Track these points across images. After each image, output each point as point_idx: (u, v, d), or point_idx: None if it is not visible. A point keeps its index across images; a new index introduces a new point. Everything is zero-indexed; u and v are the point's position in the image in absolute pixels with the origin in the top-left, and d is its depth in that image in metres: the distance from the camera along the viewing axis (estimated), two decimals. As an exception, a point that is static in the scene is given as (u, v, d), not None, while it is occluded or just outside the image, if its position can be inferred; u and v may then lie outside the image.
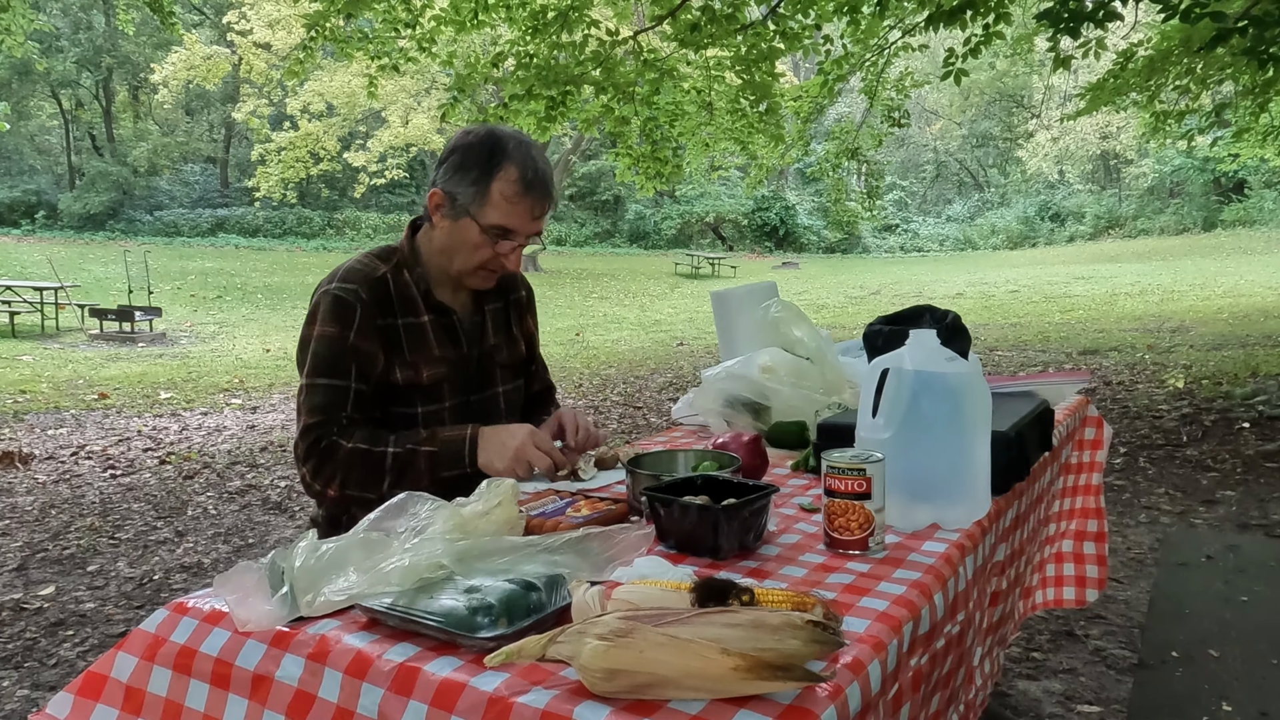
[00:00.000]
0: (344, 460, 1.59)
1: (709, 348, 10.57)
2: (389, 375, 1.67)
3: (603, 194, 32.64)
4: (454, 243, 1.68)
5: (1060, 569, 2.25)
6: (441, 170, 1.67)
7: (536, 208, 1.65)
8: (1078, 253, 25.94)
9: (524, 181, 1.62)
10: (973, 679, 1.43)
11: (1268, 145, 11.32)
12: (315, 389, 1.63)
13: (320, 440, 1.61)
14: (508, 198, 1.62)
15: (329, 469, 1.60)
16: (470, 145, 1.64)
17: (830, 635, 0.85)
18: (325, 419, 1.61)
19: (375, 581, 1.01)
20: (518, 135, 1.66)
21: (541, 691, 0.84)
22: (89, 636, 3.12)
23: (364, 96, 12.69)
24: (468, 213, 1.64)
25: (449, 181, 1.65)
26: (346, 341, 1.63)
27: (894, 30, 8.79)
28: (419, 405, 1.70)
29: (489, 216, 1.63)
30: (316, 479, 1.61)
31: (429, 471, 1.59)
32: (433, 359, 1.71)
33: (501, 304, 1.87)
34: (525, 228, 1.66)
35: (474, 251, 1.67)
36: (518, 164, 1.62)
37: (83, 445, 6.04)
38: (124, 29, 13.36)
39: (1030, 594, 2.17)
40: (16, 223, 27.04)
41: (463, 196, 1.64)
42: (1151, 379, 7.15)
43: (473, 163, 1.63)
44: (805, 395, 1.84)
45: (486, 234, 1.64)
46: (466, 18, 7.24)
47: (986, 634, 1.50)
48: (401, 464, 1.59)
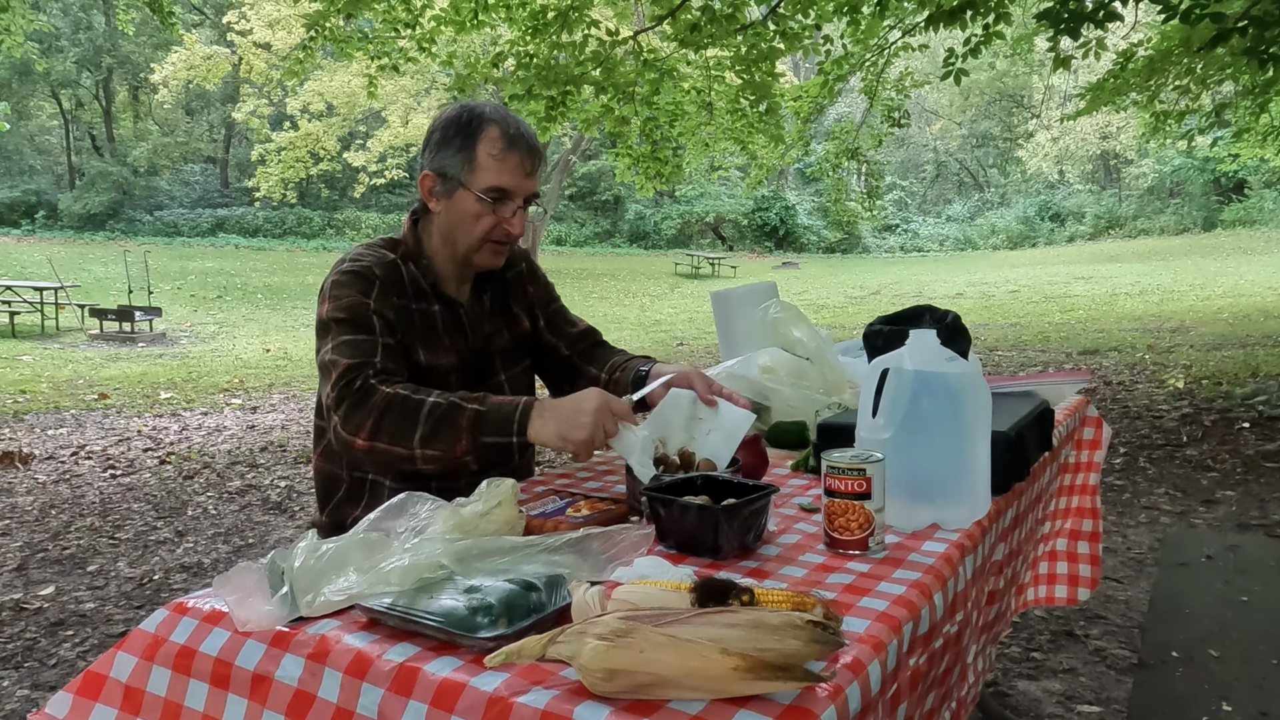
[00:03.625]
0: (379, 403, 1.48)
1: (709, 348, 10.57)
2: (409, 355, 1.64)
3: (603, 194, 32.63)
4: (454, 220, 1.66)
5: (1053, 567, 2.25)
6: (426, 152, 1.66)
7: (526, 162, 1.63)
8: (1078, 253, 25.93)
9: (507, 138, 1.61)
10: (966, 676, 1.43)
11: (1268, 145, 11.32)
12: (341, 345, 1.55)
13: (354, 383, 1.50)
14: (495, 156, 1.61)
15: (360, 414, 1.48)
16: (449, 120, 1.64)
17: (830, 635, 0.85)
18: (360, 363, 1.53)
19: (375, 581, 1.01)
20: (493, 104, 1.67)
21: (541, 691, 0.84)
22: (89, 636, 3.12)
23: (364, 96, 12.69)
24: (460, 184, 1.62)
25: (435, 160, 1.64)
26: (369, 306, 1.60)
27: (894, 30, 8.79)
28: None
29: (481, 180, 1.61)
30: (347, 424, 1.48)
31: (470, 431, 1.45)
32: (443, 348, 1.70)
33: (499, 287, 1.84)
34: (520, 185, 1.64)
35: (476, 222, 1.64)
36: (498, 123, 1.61)
37: (83, 445, 6.04)
38: (124, 29, 13.35)
39: (1023, 591, 2.17)
40: (16, 223, 27.04)
41: (452, 169, 1.62)
42: (1151, 379, 7.15)
43: (454, 134, 1.62)
44: (805, 395, 1.84)
45: (483, 200, 1.62)
46: (466, 18, 7.24)
47: (981, 632, 1.50)
48: (440, 415, 1.46)
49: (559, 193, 26.49)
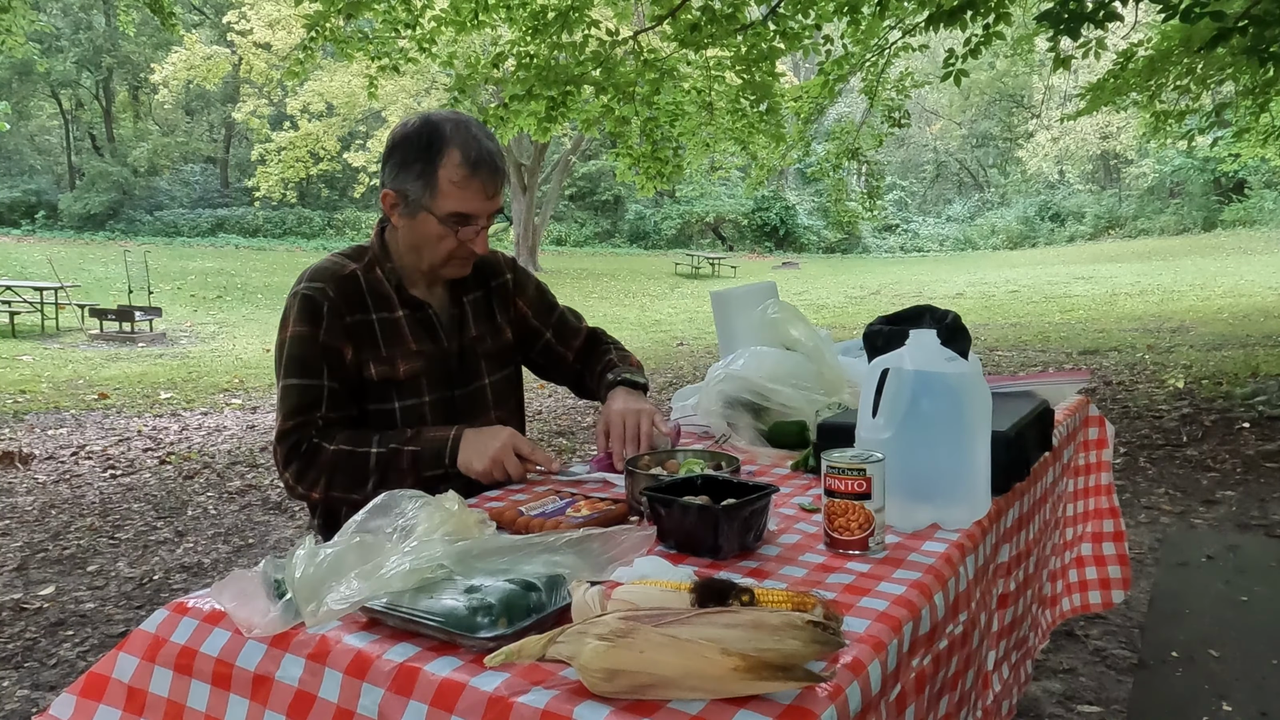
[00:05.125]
0: (328, 463, 1.59)
1: (709, 348, 10.56)
2: (362, 372, 1.66)
3: (603, 194, 32.62)
4: (417, 239, 1.66)
5: (1083, 573, 2.22)
6: (386, 170, 1.65)
7: (488, 187, 1.62)
8: (1078, 253, 25.93)
9: (469, 163, 1.58)
10: (989, 684, 1.42)
11: (1268, 145, 11.32)
12: (290, 390, 1.64)
13: (300, 444, 1.61)
14: (456, 183, 1.59)
15: (312, 473, 1.60)
16: (408, 137, 1.61)
17: (830, 635, 0.85)
18: (302, 420, 1.62)
19: (377, 587, 1.01)
20: (456, 117, 1.63)
21: (541, 691, 0.84)
22: (89, 636, 3.12)
23: (364, 96, 12.69)
24: (422, 207, 1.62)
25: (396, 180, 1.63)
26: (317, 340, 1.63)
27: (894, 30, 8.79)
28: (396, 400, 1.68)
29: (443, 206, 1.61)
30: (300, 482, 1.61)
31: (412, 470, 1.59)
32: (409, 353, 1.69)
33: (482, 293, 1.83)
34: (482, 209, 1.63)
35: (438, 243, 1.64)
36: (459, 146, 1.58)
37: (83, 445, 6.04)
38: (124, 29, 13.37)
39: (1056, 602, 2.14)
40: (16, 223, 27.05)
41: (413, 191, 1.61)
42: (1151, 379, 7.15)
43: (414, 156, 1.60)
44: (805, 395, 1.84)
45: (445, 224, 1.62)
46: (466, 18, 7.24)
47: (999, 638, 1.50)
48: (385, 463, 1.59)
49: (559, 193, 26.49)
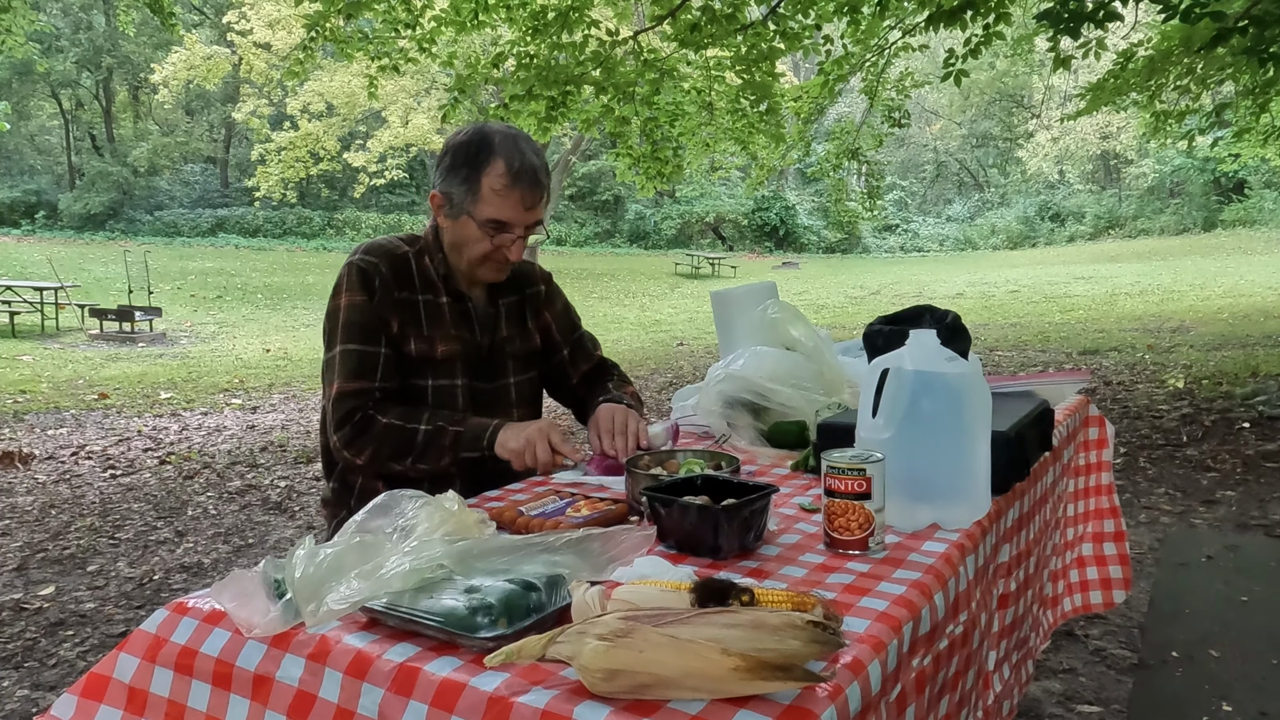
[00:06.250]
0: (379, 434, 1.69)
1: (709, 348, 10.57)
2: (403, 346, 1.75)
3: (603, 194, 32.62)
4: (457, 239, 1.76)
5: (1084, 574, 2.23)
6: (438, 172, 1.76)
7: (527, 198, 1.71)
8: (1078, 253, 25.93)
9: (511, 174, 1.68)
10: (990, 684, 1.42)
11: (1268, 145, 11.31)
12: (348, 355, 1.71)
13: (355, 411, 1.69)
14: (497, 191, 1.68)
15: (363, 441, 1.69)
16: (460, 145, 1.72)
17: (830, 635, 0.85)
18: (362, 387, 1.70)
19: (377, 587, 1.01)
20: (506, 130, 1.73)
21: (541, 691, 0.84)
22: (89, 636, 3.12)
23: (364, 96, 12.70)
24: (464, 210, 1.72)
25: (445, 182, 1.74)
26: (373, 309, 1.72)
27: (894, 30, 8.78)
28: (430, 378, 1.77)
29: (483, 212, 1.70)
30: (348, 448, 1.70)
31: (452, 449, 1.68)
32: (448, 336, 1.79)
33: (516, 298, 1.93)
34: (519, 219, 1.72)
35: (475, 245, 1.74)
36: (504, 157, 1.68)
37: (83, 445, 6.04)
38: (124, 29, 13.36)
39: (1057, 602, 2.14)
40: (16, 223, 27.03)
41: (457, 195, 1.72)
42: (1151, 379, 7.15)
43: (462, 161, 1.70)
44: (805, 395, 1.84)
45: (483, 229, 1.71)
46: (466, 18, 7.24)
47: (1000, 638, 1.50)
48: (429, 439, 1.68)
49: (559, 193, 26.47)
